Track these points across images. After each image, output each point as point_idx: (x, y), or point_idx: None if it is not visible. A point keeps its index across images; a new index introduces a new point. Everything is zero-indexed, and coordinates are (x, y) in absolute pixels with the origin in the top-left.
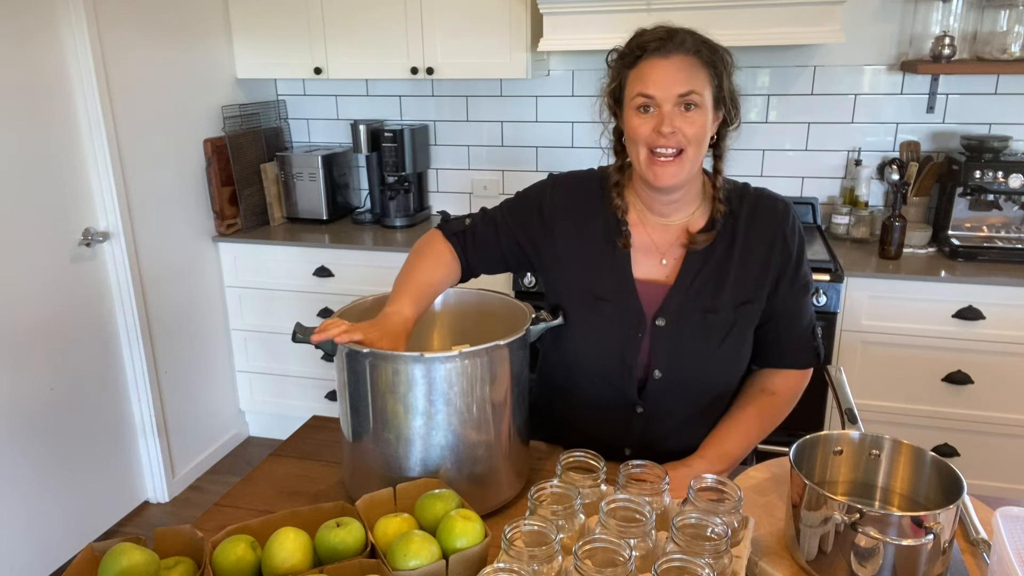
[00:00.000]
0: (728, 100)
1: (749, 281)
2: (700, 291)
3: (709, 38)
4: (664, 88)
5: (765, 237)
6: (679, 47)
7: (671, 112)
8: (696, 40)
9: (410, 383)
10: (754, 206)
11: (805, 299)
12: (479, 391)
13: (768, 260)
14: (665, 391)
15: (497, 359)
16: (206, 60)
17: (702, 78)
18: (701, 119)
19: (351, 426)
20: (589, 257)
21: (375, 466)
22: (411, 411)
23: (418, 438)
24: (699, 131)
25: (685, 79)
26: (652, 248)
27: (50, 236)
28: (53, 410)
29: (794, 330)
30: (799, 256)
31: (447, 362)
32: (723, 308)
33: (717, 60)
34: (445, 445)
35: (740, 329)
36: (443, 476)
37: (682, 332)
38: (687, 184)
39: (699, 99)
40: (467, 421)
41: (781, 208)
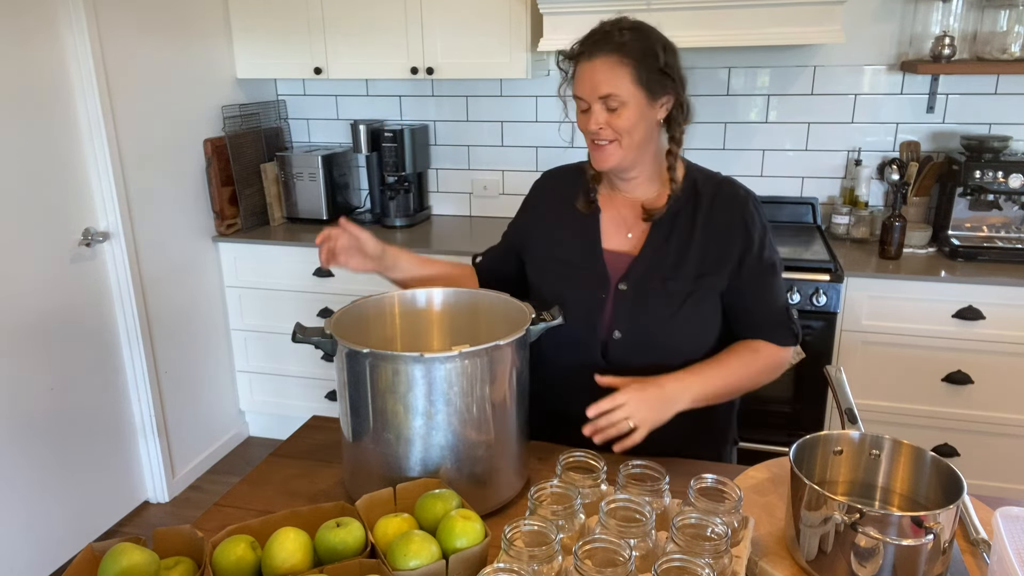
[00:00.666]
0: (670, 86)
1: (709, 258)
2: (662, 261)
3: (638, 25)
4: (588, 91)
5: (726, 220)
6: (604, 47)
7: (598, 110)
8: (620, 37)
9: (410, 383)
10: (717, 192)
11: (773, 280)
12: (479, 391)
13: (729, 241)
14: (625, 352)
15: (497, 359)
16: (206, 60)
17: (623, 75)
18: (628, 113)
19: (351, 426)
20: (564, 231)
21: (375, 466)
22: (411, 411)
23: (418, 438)
24: (627, 124)
25: (604, 81)
26: (620, 222)
27: (50, 236)
28: (53, 410)
29: (767, 308)
30: (761, 240)
31: (447, 362)
32: (682, 277)
33: (639, 55)
34: (445, 445)
35: (698, 298)
36: (443, 476)
37: (643, 296)
38: (636, 166)
39: (619, 99)
40: (467, 421)
41: (743, 195)
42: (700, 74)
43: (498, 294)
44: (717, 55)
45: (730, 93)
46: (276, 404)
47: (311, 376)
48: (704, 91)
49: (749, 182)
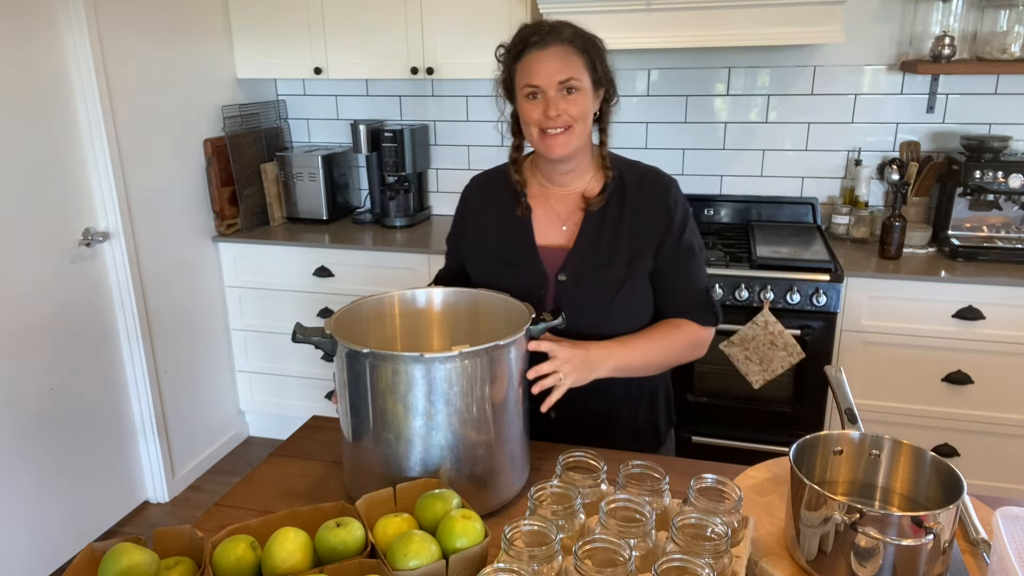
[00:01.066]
0: (605, 80)
1: (638, 241)
2: (597, 250)
3: (581, 28)
4: (546, 77)
5: (651, 204)
6: (556, 38)
7: (555, 97)
8: (570, 30)
9: (410, 383)
10: (642, 179)
11: (693, 263)
12: (479, 391)
13: (654, 224)
14: (568, 337)
15: (497, 359)
16: (206, 60)
17: (579, 64)
18: (582, 99)
19: (351, 426)
20: (497, 232)
21: (375, 466)
22: (411, 411)
23: (418, 438)
24: (582, 109)
25: (563, 67)
26: (554, 216)
27: (50, 236)
28: (53, 410)
29: (689, 289)
30: (682, 224)
31: (447, 362)
32: (617, 264)
33: (590, 47)
34: (445, 445)
35: (632, 283)
36: (443, 476)
37: (582, 285)
38: (578, 155)
39: (578, 83)
40: (467, 421)
41: (665, 181)
42: (700, 74)
43: (498, 294)
44: (717, 55)
45: (730, 93)
46: (276, 404)
47: (311, 376)
48: (704, 91)
49: (749, 182)
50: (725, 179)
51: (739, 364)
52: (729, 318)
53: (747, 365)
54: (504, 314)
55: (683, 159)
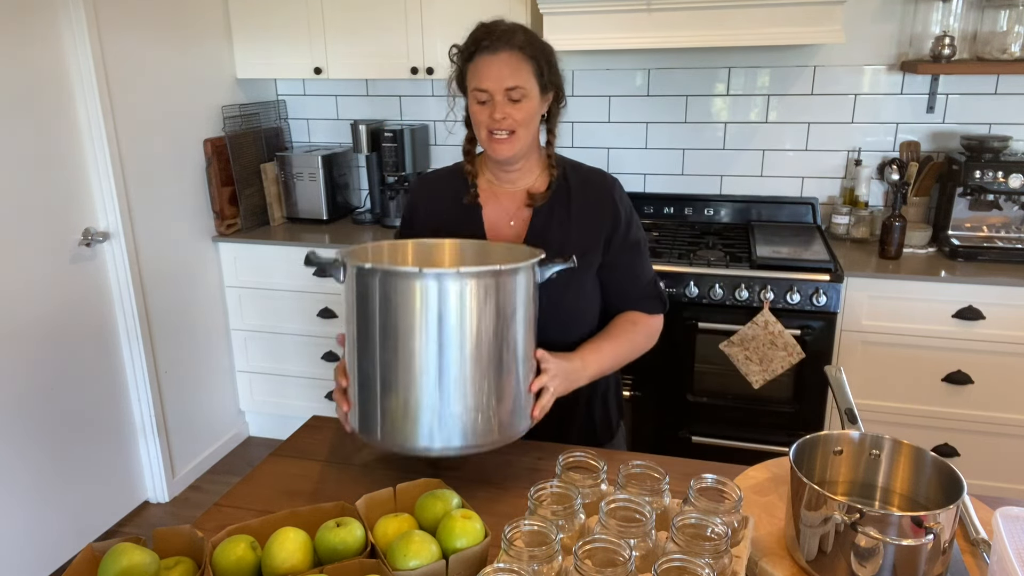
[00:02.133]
0: (552, 84)
1: (586, 237)
2: (546, 244)
3: (533, 33)
4: (494, 82)
5: (596, 202)
6: (506, 44)
7: (501, 102)
8: (521, 36)
9: (418, 300)
10: (586, 177)
11: (639, 257)
12: (483, 315)
13: (598, 220)
14: None
15: (503, 285)
16: (206, 60)
17: (526, 70)
18: (528, 105)
19: (356, 349)
20: (447, 227)
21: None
22: (416, 330)
23: (424, 359)
24: (526, 115)
25: (511, 74)
26: (502, 213)
27: (50, 236)
28: (53, 410)
29: (636, 281)
30: (628, 220)
31: (450, 279)
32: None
33: (539, 54)
34: (449, 366)
35: (580, 278)
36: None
37: None
38: (525, 156)
39: (524, 91)
40: (473, 344)
41: (609, 180)
42: (700, 74)
43: (508, 244)
44: (717, 55)
45: (730, 93)
46: (276, 404)
47: (311, 376)
48: (704, 91)
49: (749, 182)
50: (725, 179)
51: (739, 364)
52: (729, 318)
53: (747, 365)
54: (509, 252)
55: (683, 159)
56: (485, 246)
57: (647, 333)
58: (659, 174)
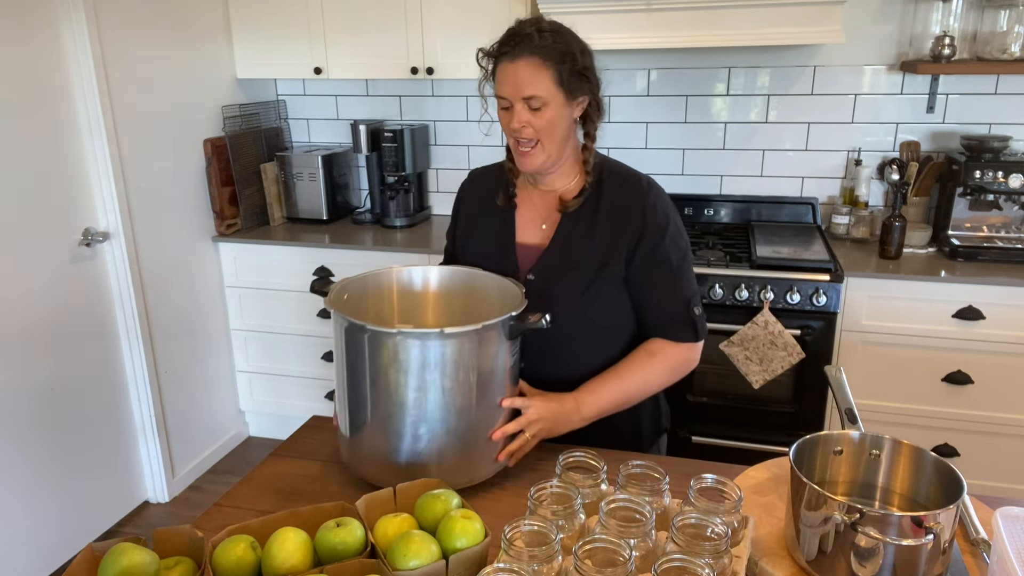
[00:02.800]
0: (582, 82)
1: (610, 245)
2: (567, 251)
3: (559, 29)
4: (511, 91)
5: (625, 207)
6: (524, 50)
7: (520, 110)
8: (545, 40)
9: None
10: (621, 180)
11: (670, 275)
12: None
13: (625, 227)
14: (540, 344)
15: (463, 345)
16: (206, 60)
17: (544, 77)
18: (549, 113)
19: (345, 385)
20: (483, 226)
21: (376, 443)
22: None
23: (401, 411)
24: (547, 124)
25: (527, 82)
26: (535, 215)
27: (50, 236)
28: (53, 410)
29: (663, 303)
30: (659, 233)
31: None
32: (585, 266)
33: (559, 57)
34: (418, 420)
35: (598, 287)
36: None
37: (548, 285)
38: (554, 165)
39: (542, 100)
40: (444, 394)
41: (644, 184)
42: (700, 74)
43: (493, 275)
44: (717, 55)
45: (730, 93)
46: (276, 404)
47: (311, 376)
48: (704, 91)
49: (749, 182)
50: (725, 179)
51: (739, 364)
52: (729, 318)
53: (747, 365)
54: (498, 294)
55: (683, 159)
56: (471, 276)
57: (669, 366)
58: (659, 174)
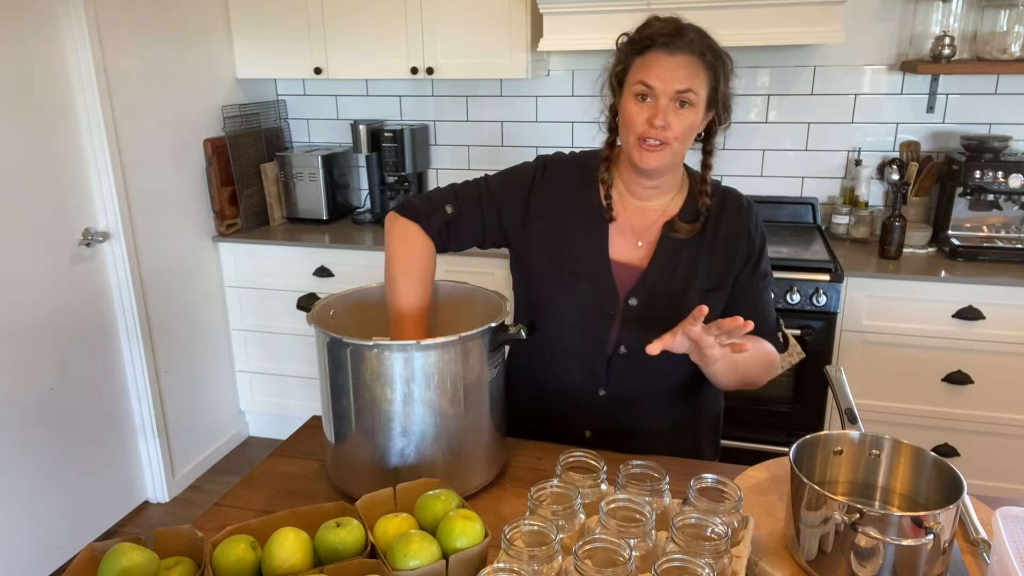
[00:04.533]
0: (721, 103)
1: (715, 270)
2: (672, 275)
3: (715, 41)
4: (665, 82)
5: (731, 231)
6: (686, 46)
7: (666, 106)
8: (702, 42)
9: (392, 369)
10: (723, 202)
11: (767, 291)
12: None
13: (734, 252)
14: (629, 369)
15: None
16: (206, 60)
17: (701, 79)
18: (692, 117)
19: (331, 399)
20: (569, 237)
21: (362, 455)
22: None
23: (380, 420)
24: (687, 128)
25: (685, 77)
26: (629, 230)
27: (50, 236)
28: (53, 410)
29: (762, 316)
30: (761, 250)
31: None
32: (692, 293)
33: (718, 64)
34: (403, 431)
35: (708, 314)
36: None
37: (653, 313)
38: (669, 171)
39: (695, 98)
40: (439, 403)
41: (746, 206)
42: None
43: (478, 287)
44: None
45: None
46: (276, 404)
47: (311, 376)
48: None
49: (749, 182)
50: (725, 179)
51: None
52: None
53: None
54: (483, 306)
55: None
56: (457, 294)
57: (771, 363)
58: None
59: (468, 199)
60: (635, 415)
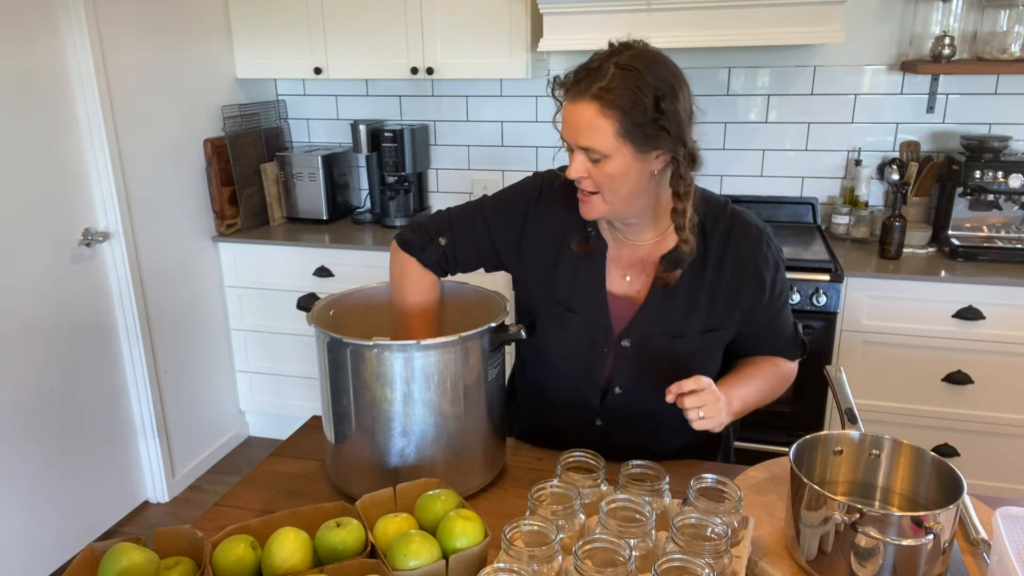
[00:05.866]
0: (664, 134)
1: (718, 307)
2: (667, 314)
3: (635, 65)
4: (568, 137)
5: (738, 264)
6: (585, 91)
7: (579, 158)
8: (609, 81)
9: (391, 368)
10: (729, 230)
11: (783, 310)
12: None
13: (740, 287)
14: (625, 407)
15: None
16: (206, 60)
17: (604, 129)
18: (609, 167)
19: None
20: (564, 266)
21: (362, 455)
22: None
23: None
24: (607, 178)
25: (584, 131)
26: (618, 263)
27: (50, 236)
28: (53, 410)
29: (779, 337)
30: (774, 280)
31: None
32: (689, 334)
33: (625, 104)
34: (401, 432)
35: (704, 356)
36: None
37: (647, 354)
38: (625, 218)
39: (600, 152)
40: (439, 404)
41: (755, 234)
42: (700, 74)
43: (479, 287)
44: (717, 55)
45: (730, 93)
46: (276, 404)
47: (311, 376)
48: (704, 91)
49: (749, 182)
50: (725, 179)
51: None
52: None
53: None
54: (483, 306)
55: None
56: (457, 294)
57: (786, 379)
58: None
59: (463, 227)
60: (632, 448)
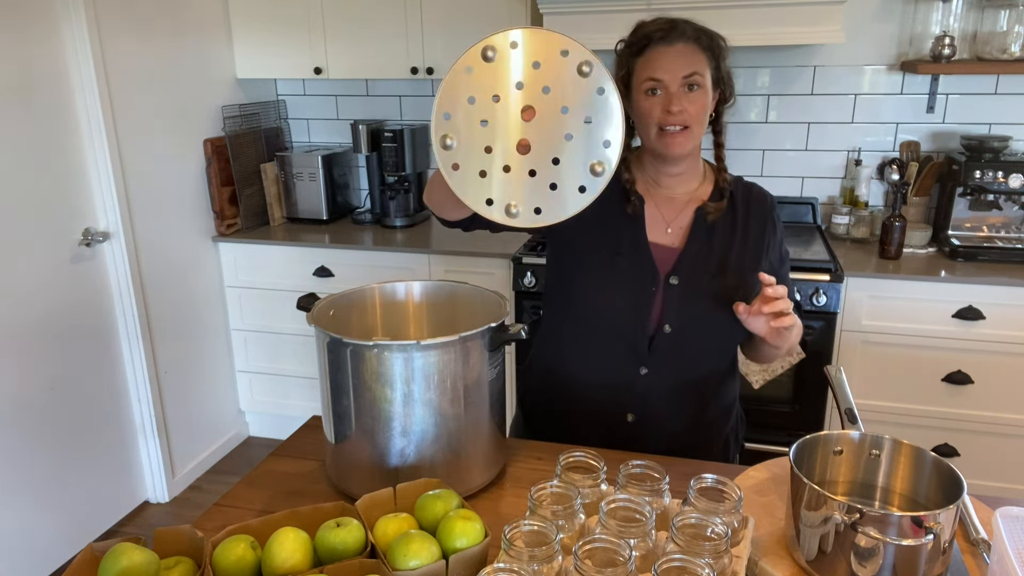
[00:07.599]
0: (724, 80)
1: (748, 254)
2: (708, 256)
3: (705, 26)
4: (670, 72)
5: (759, 218)
6: (681, 36)
7: (677, 93)
8: (695, 28)
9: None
10: (748, 194)
11: (787, 271)
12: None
13: (762, 236)
14: (670, 346)
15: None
16: (206, 60)
17: (702, 61)
18: (703, 98)
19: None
20: (607, 220)
21: (362, 455)
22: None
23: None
24: (700, 109)
25: (688, 63)
26: (659, 219)
27: (50, 236)
28: (53, 410)
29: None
30: (781, 241)
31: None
32: (729, 273)
33: (714, 45)
34: (400, 432)
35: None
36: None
37: (695, 290)
38: (691, 156)
39: (701, 79)
40: (439, 404)
41: (769, 199)
42: None
43: (476, 287)
44: None
45: None
46: (276, 404)
47: (311, 376)
48: None
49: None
50: None
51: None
52: None
53: (747, 365)
54: (481, 305)
55: None
56: (456, 293)
57: (800, 331)
58: None
59: None
60: (674, 401)
